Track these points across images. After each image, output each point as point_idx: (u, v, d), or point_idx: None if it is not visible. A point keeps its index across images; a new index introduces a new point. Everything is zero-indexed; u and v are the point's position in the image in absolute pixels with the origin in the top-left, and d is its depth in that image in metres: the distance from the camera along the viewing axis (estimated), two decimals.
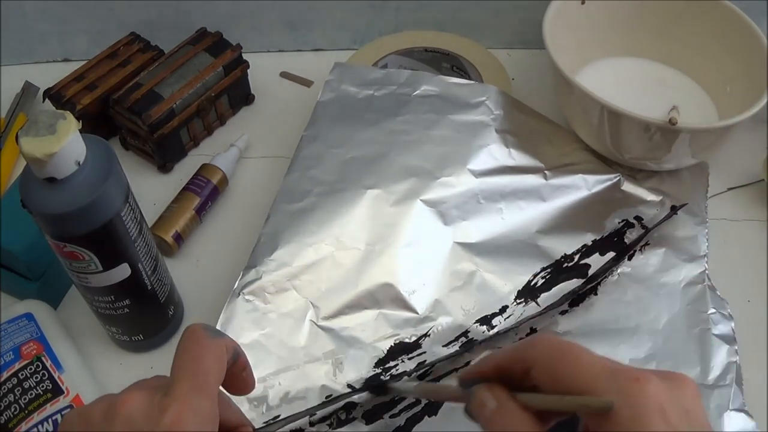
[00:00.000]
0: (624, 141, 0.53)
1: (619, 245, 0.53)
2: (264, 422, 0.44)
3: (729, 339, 0.49)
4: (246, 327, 0.47)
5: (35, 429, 0.44)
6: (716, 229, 0.55)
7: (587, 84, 0.53)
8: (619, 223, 0.54)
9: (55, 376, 0.46)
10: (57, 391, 0.45)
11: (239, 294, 0.48)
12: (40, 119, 0.37)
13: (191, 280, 0.54)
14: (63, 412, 0.44)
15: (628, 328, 0.49)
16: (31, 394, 0.45)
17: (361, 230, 0.51)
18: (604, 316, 0.50)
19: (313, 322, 0.48)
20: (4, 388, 0.45)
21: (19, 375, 0.46)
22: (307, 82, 0.67)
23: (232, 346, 0.31)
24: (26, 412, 0.44)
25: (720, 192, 0.58)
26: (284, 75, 0.68)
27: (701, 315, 0.50)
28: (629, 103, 0.51)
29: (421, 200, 0.51)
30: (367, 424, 0.45)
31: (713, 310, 0.50)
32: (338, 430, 0.45)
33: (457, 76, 0.64)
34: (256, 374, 0.45)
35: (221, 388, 0.31)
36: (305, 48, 0.70)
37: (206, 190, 0.56)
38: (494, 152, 0.55)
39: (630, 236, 0.54)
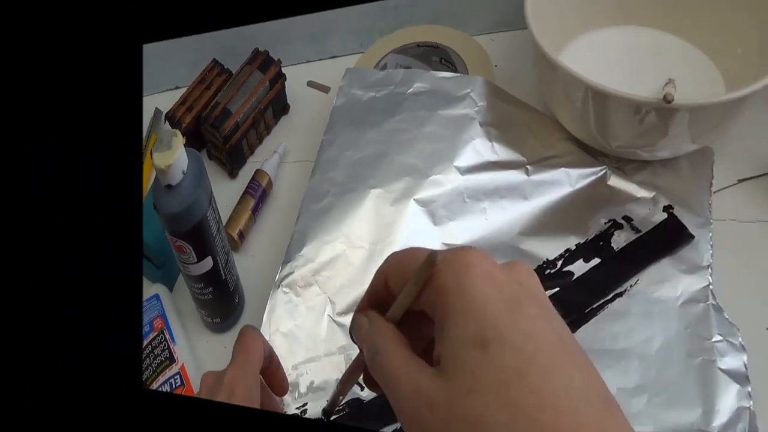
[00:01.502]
0: (611, 126, 0.47)
1: (606, 251, 0.47)
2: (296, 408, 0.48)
3: (740, 377, 0.41)
4: (284, 317, 0.51)
5: (160, 388, 0.51)
6: (723, 232, 0.46)
7: (573, 61, 0.47)
8: (605, 224, 0.49)
9: (171, 348, 0.53)
10: (171, 359, 0.53)
11: (279, 286, 0.52)
12: (163, 137, 0.44)
13: (247, 274, 0.58)
14: (173, 378, 0.52)
15: (614, 350, 0.43)
16: (158, 360, 0.53)
17: (367, 229, 0.52)
18: (587, 334, 0.44)
19: (330, 316, 0.51)
20: (144, 354, 0.53)
21: (152, 344, 0.54)
22: (325, 89, 0.71)
23: (269, 347, 0.41)
24: (156, 374, 0.52)
25: (728, 185, 0.47)
26: (310, 84, 0.72)
27: (704, 342, 0.43)
28: (619, 79, 0.45)
29: (414, 200, 0.53)
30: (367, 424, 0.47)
31: (719, 337, 0.42)
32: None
33: (444, 69, 0.62)
34: (290, 362, 0.50)
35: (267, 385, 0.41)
36: (325, 56, 0.73)
37: (258, 193, 0.64)
38: (478, 147, 0.54)
39: (618, 240, 0.47)
